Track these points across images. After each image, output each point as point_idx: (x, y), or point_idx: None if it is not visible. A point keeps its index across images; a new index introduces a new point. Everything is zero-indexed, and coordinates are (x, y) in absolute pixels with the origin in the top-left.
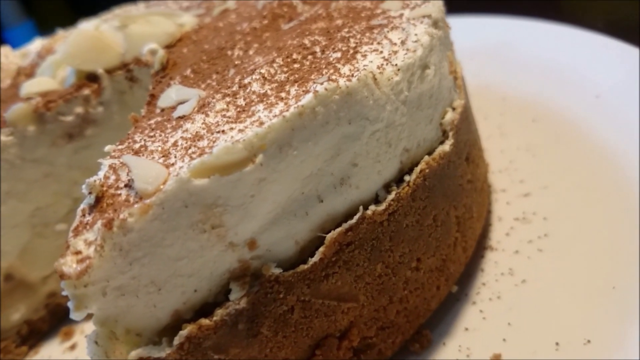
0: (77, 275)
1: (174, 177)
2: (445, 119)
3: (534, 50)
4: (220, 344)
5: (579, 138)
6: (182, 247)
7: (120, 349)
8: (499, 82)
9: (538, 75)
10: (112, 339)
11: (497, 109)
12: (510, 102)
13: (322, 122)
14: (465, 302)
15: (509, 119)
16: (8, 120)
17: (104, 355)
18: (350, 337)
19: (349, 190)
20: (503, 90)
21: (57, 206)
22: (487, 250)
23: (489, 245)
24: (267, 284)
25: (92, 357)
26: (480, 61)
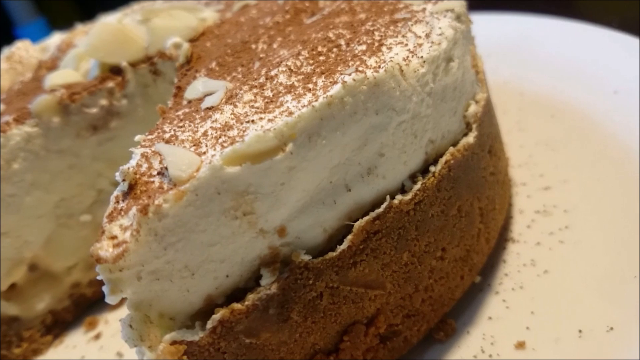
0: (113, 259)
1: (207, 164)
2: (468, 111)
3: (551, 47)
4: (252, 328)
5: (597, 133)
6: (215, 233)
7: (154, 332)
8: (517, 78)
9: (555, 72)
10: (147, 323)
11: (515, 104)
12: (528, 98)
13: (350, 112)
14: (488, 292)
15: (527, 115)
16: (33, 111)
17: (139, 338)
18: (377, 324)
19: (375, 179)
20: (521, 87)
21: (81, 197)
22: (509, 242)
23: (510, 237)
24: (297, 270)
25: (126, 340)
26: (497, 58)
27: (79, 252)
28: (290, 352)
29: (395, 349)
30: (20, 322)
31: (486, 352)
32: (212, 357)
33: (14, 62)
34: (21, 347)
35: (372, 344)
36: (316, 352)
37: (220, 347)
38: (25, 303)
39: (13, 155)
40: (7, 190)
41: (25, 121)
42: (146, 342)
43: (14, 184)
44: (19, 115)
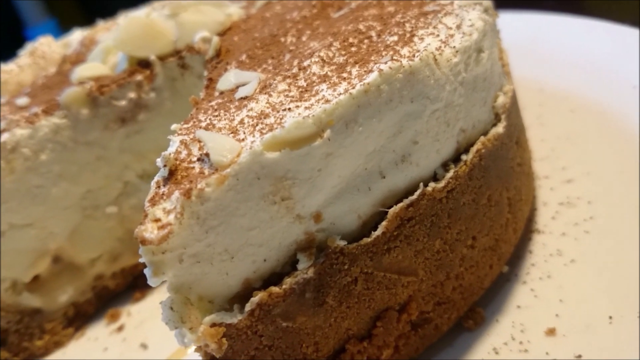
0: (158, 241)
1: (248, 150)
2: (497, 102)
3: (568, 44)
4: (289, 311)
5: (618, 127)
6: (254, 217)
7: (195, 315)
8: (536, 75)
9: (573, 68)
10: (187, 305)
11: (535, 100)
12: (547, 94)
13: (386, 99)
14: (515, 282)
15: (547, 110)
16: (62, 103)
17: (180, 320)
18: (409, 310)
19: (409, 167)
20: (540, 83)
21: (107, 189)
22: (534, 233)
23: (535, 229)
24: (333, 255)
25: (167, 322)
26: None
27: (103, 244)
28: (325, 337)
29: (426, 336)
30: (42, 314)
31: (516, 339)
32: (249, 340)
33: (37, 57)
34: (43, 339)
35: (404, 330)
36: (349, 337)
37: (257, 330)
38: (48, 295)
39: (41, 147)
40: (34, 181)
41: (53, 112)
42: (187, 324)
43: (41, 175)
44: (47, 107)
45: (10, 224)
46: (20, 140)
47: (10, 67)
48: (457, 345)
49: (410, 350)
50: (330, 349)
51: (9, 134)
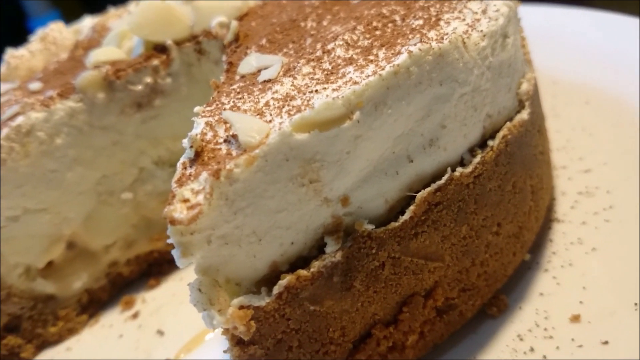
0: (188, 221)
1: (277, 130)
2: (521, 89)
3: (581, 36)
4: (316, 295)
5: (633, 117)
6: (282, 199)
7: (223, 297)
8: (548, 67)
9: (587, 60)
10: (216, 287)
11: (549, 91)
12: (561, 86)
13: (415, 82)
14: (537, 270)
15: (561, 101)
16: (78, 86)
17: (208, 302)
18: (435, 296)
19: (437, 151)
20: (553, 75)
21: (123, 175)
22: (554, 222)
23: (555, 218)
24: (360, 239)
25: (195, 304)
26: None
27: (118, 231)
28: (352, 321)
29: (451, 323)
30: (56, 300)
31: (541, 326)
32: (276, 323)
33: (48, 43)
34: (57, 326)
35: (429, 316)
36: (376, 322)
37: (285, 314)
38: (62, 281)
39: (56, 130)
40: (49, 166)
41: (69, 96)
42: (215, 305)
43: (56, 159)
44: (62, 90)
45: (25, 209)
46: (35, 124)
47: (21, 53)
48: (480, 332)
49: (435, 336)
50: (356, 334)
51: (24, 117)
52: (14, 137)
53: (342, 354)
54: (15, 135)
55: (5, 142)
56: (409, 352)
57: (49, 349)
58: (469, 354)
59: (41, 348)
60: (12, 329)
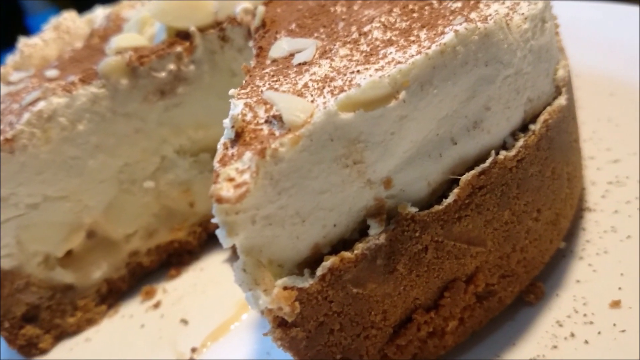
0: (236, 199)
1: (322, 109)
2: (557, 75)
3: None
4: (359, 277)
5: None
6: (326, 180)
7: (268, 277)
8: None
9: (608, 53)
10: (260, 267)
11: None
12: (584, 79)
13: (461, 62)
14: (572, 258)
15: (585, 94)
16: (100, 72)
17: (253, 282)
18: (476, 282)
19: (480, 134)
20: (575, 68)
21: (145, 163)
22: (585, 211)
23: (586, 207)
24: (404, 222)
25: (240, 284)
26: None
27: (139, 220)
28: (394, 305)
29: (490, 309)
30: (74, 290)
31: (580, 312)
32: (319, 305)
33: (62, 32)
34: (75, 316)
35: (470, 302)
36: (417, 307)
37: (328, 296)
38: (81, 271)
39: (78, 116)
40: (71, 152)
41: (91, 82)
42: (261, 285)
43: (78, 146)
44: (84, 76)
45: (45, 196)
46: (57, 109)
47: (34, 41)
48: (518, 319)
49: (474, 322)
50: (397, 318)
51: (46, 102)
52: (35, 122)
53: (382, 338)
54: (37, 121)
55: (26, 128)
56: (449, 338)
57: (67, 339)
58: (507, 341)
59: (59, 339)
60: (30, 318)
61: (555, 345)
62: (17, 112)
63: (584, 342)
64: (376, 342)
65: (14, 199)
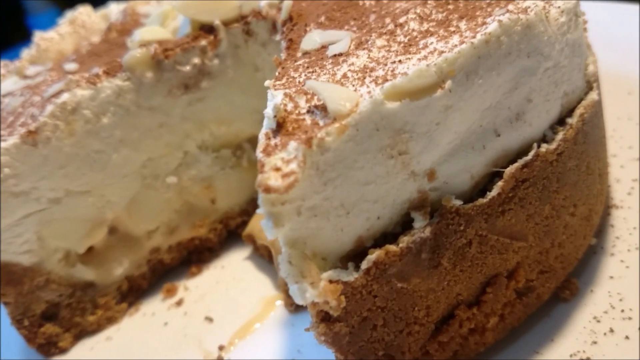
0: (285, 189)
1: (368, 98)
2: (588, 70)
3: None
4: (404, 272)
5: None
6: (371, 171)
7: (315, 269)
8: None
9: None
10: (306, 259)
11: None
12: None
13: (505, 52)
14: (603, 254)
15: (603, 93)
16: (125, 64)
17: (299, 274)
18: (517, 277)
19: (523, 126)
20: None
21: (168, 158)
22: (612, 208)
23: (613, 204)
24: (448, 215)
25: (286, 276)
26: None
27: (161, 216)
28: (437, 301)
29: (529, 305)
30: (95, 287)
31: (617, 308)
32: (363, 300)
33: (77, 26)
34: (96, 314)
35: (510, 298)
36: (459, 303)
37: (372, 290)
38: (102, 268)
39: (103, 109)
40: (94, 146)
41: (116, 74)
42: (307, 278)
43: (101, 139)
44: (109, 68)
45: (67, 191)
46: (81, 101)
47: (50, 35)
48: (554, 315)
49: (513, 319)
50: (440, 314)
51: (69, 94)
52: (59, 114)
53: (424, 334)
54: (60, 113)
55: (50, 120)
56: (489, 335)
57: (87, 338)
58: (545, 337)
59: (79, 337)
60: (50, 317)
61: (595, 341)
62: (40, 104)
63: (625, 337)
64: (418, 339)
65: (36, 194)
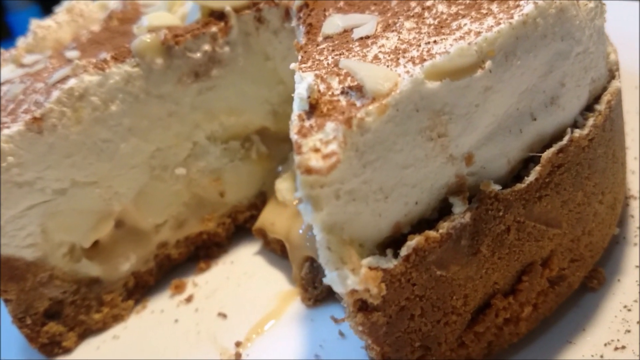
0: (327, 170)
1: (409, 78)
2: (610, 59)
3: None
4: (443, 259)
5: None
6: (410, 153)
7: (355, 255)
8: None
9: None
10: (346, 245)
11: None
12: None
13: (541, 34)
14: (625, 245)
15: None
16: (135, 50)
17: (339, 260)
18: (551, 265)
19: (557, 110)
20: None
21: (177, 149)
22: (631, 199)
23: (630, 195)
24: (487, 200)
25: (325, 263)
26: None
27: (169, 209)
28: (475, 289)
29: (560, 295)
30: (101, 284)
31: None
32: (402, 288)
33: (75, 15)
34: (101, 312)
35: (544, 287)
36: (495, 292)
37: (411, 278)
38: (109, 263)
39: (111, 96)
40: (102, 135)
41: (125, 60)
42: (348, 265)
43: (110, 128)
44: (117, 53)
45: (73, 181)
46: (89, 87)
47: (48, 23)
48: (583, 305)
49: (545, 308)
50: (477, 304)
51: (77, 79)
52: (66, 100)
53: (461, 325)
54: (67, 99)
55: (56, 106)
56: (522, 325)
57: (92, 337)
58: (577, 326)
59: (84, 337)
60: (53, 315)
61: (628, 330)
62: (44, 91)
63: None
64: (455, 329)
65: (41, 184)
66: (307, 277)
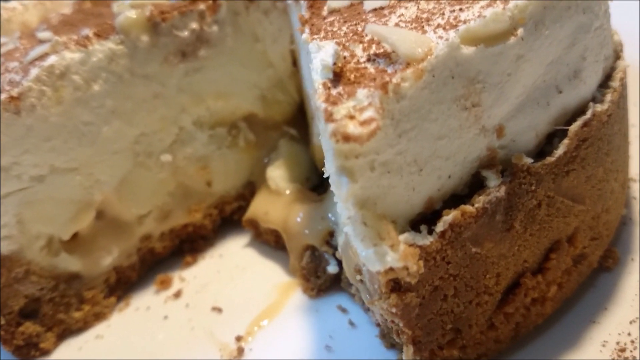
0: (367, 136)
1: (444, 42)
2: (614, 39)
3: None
4: (478, 235)
5: None
6: (445, 123)
7: (393, 231)
8: None
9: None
10: (383, 220)
11: None
12: None
13: (565, 5)
14: (632, 225)
15: None
16: (119, 26)
17: (377, 236)
18: (575, 243)
19: (579, 84)
20: None
21: (162, 134)
22: (630, 181)
23: (630, 177)
24: (520, 174)
25: (361, 240)
26: None
27: (153, 199)
28: (506, 268)
29: (581, 274)
30: (81, 280)
31: None
32: (436, 267)
33: None
34: (82, 310)
35: (568, 265)
36: (524, 270)
37: (446, 256)
38: (89, 257)
39: (94, 75)
40: (84, 117)
41: (108, 37)
42: (387, 240)
43: (92, 109)
44: (100, 30)
45: (52, 167)
46: (70, 65)
47: (12, 5)
48: (600, 285)
49: (568, 288)
50: (507, 283)
51: (57, 56)
52: (46, 79)
53: (492, 305)
54: (47, 77)
55: (35, 85)
56: (548, 305)
57: (72, 337)
58: (599, 306)
59: (63, 337)
60: (29, 314)
61: None
62: (20, 69)
63: None
64: (486, 310)
65: (17, 170)
66: (308, 266)
